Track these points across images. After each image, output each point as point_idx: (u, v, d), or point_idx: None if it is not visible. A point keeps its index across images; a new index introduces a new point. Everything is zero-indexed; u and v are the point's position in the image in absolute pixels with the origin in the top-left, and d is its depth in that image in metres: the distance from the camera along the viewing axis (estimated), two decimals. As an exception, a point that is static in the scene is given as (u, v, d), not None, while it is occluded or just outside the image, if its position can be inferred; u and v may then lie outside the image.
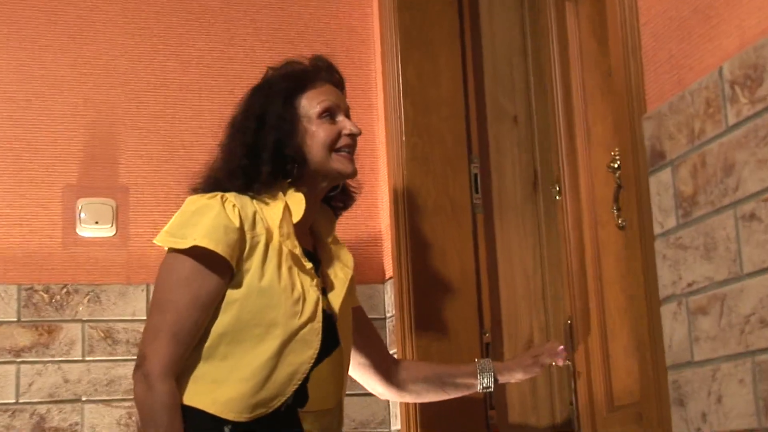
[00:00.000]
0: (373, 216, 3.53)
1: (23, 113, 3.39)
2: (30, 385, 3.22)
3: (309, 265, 2.49)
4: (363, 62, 3.67)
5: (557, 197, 3.15)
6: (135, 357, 3.25)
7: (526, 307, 3.32)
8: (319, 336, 2.44)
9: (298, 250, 2.47)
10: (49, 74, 3.43)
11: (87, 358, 3.28)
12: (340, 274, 2.60)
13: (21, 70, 3.42)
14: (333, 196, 2.70)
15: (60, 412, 3.23)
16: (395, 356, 3.18)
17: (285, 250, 2.46)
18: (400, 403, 3.25)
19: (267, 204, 2.49)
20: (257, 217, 2.46)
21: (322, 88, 2.60)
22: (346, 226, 3.33)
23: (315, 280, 2.49)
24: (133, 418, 3.25)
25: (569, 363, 2.90)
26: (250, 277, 2.41)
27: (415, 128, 3.35)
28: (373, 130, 3.60)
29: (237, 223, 2.41)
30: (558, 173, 3.14)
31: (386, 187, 3.49)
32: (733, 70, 1.93)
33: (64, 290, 3.30)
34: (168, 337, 2.36)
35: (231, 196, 2.45)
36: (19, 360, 3.23)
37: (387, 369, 2.81)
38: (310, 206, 2.56)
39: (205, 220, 2.40)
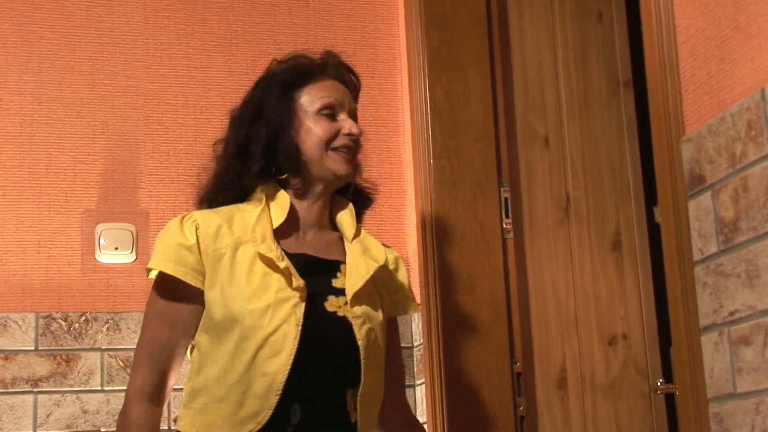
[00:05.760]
0: (400, 241, 3.50)
1: (42, 136, 3.38)
2: (48, 415, 3.20)
3: (283, 264, 2.36)
4: (390, 83, 3.65)
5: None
6: (155, 387, 3.28)
7: (558, 336, 3.30)
8: (295, 340, 2.29)
9: (273, 253, 2.37)
10: (69, 97, 3.42)
11: (106, 388, 3.26)
12: (363, 270, 2.45)
13: (40, 92, 3.41)
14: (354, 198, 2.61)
15: (78, 443, 3.23)
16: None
17: (255, 253, 2.38)
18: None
19: (247, 211, 2.45)
20: (223, 229, 2.41)
21: (326, 84, 2.50)
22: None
23: (297, 282, 2.35)
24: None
25: None
26: (216, 294, 2.36)
27: (443, 151, 3.33)
28: (400, 153, 3.58)
29: (192, 240, 2.39)
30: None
31: (413, 212, 3.47)
32: (776, 91, 1.92)
33: (83, 318, 3.28)
34: (143, 360, 2.38)
35: (198, 214, 2.45)
36: (36, 390, 3.21)
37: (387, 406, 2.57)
38: (311, 207, 2.50)
39: (162, 243, 2.44)
